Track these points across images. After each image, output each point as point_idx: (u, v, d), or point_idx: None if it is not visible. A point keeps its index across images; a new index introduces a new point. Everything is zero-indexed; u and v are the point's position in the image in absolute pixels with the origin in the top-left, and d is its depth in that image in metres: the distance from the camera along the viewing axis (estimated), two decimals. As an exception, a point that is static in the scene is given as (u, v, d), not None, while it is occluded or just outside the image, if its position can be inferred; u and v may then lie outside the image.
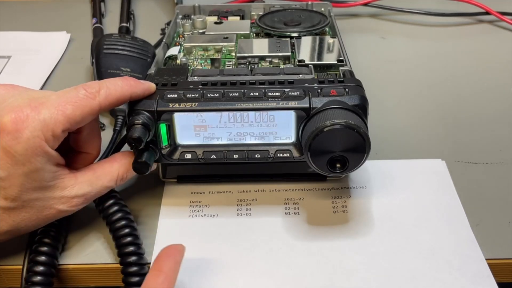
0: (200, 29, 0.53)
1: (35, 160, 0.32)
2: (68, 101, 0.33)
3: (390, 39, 0.66)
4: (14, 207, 0.33)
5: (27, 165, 0.32)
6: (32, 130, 0.31)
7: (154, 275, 0.31)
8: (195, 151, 0.38)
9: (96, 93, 0.34)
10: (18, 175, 0.32)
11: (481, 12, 0.69)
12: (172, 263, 0.32)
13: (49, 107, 0.32)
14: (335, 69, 0.44)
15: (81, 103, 0.33)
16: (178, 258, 0.32)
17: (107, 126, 0.49)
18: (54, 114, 0.32)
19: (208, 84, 0.38)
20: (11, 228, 0.33)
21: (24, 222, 0.34)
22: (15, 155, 0.31)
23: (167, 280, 0.31)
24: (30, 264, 0.34)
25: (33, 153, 0.31)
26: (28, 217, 0.33)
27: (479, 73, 0.58)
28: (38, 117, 0.32)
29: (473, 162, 0.44)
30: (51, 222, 0.35)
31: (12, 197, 0.32)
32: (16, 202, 0.33)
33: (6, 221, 0.33)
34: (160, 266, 0.31)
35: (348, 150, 0.35)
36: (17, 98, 0.33)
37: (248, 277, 0.35)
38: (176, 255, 0.32)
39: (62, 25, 0.69)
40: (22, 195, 0.32)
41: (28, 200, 0.33)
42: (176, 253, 0.32)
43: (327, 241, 0.37)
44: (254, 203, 0.40)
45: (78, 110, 0.33)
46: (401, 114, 0.51)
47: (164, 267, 0.31)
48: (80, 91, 0.34)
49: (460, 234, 0.37)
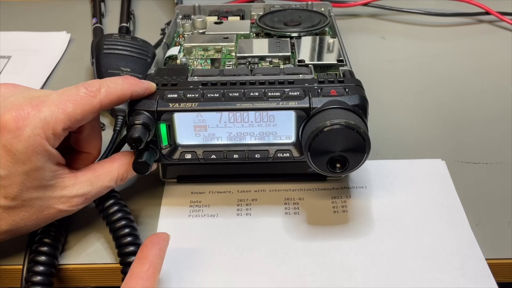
0: (200, 29, 0.53)
1: (35, 158, 0.32)
2: (69, 99, 0.33)
3: (390, 39, 0.66)
4: (14, 206, 0.33)
5: (27, 164, 0.32)
6: (32, 128, 0.31)
7: (139, 263, 0.31)
8: (195, 151, 0.38)
9: (96, 91, 0.34)
10: (19, 174, 0.32)
11: (481, 12, 0.69)
12: (156, 251, 0.32)
13: (50, 105, 0.32)
14: (335, 69, 0.44)
15: (82, 101, 0.33)
16: (163, 246, 0.33)
17: (107, 126, 0.49)
18: (54, 112, 0.32)
19: (208, 84, 0.38)
20: (10, 228, 0.33)
21: (24, 222, 0.34)
22: (15, 153, 0.31)
23: (152, 268, 0.31)
24: (30, 264, 0.34)
25: (33, 151, 0.31)
26: (28, 217, 0.33)
27: (479, 73, 0.58)
28: (39, 115, 0.32)
29: (473, 162, 0.44)
30: (51, 222, 0.35)
31: (12, 196, 0.32)
32: (16, 201, 0.33)
33: (6, 220, 0.33)
34: (145, 254, 0.32)
35: (348, 150, 0.35)
36: (18, 97, 0.33)
37: (248, 277, 0.35)
38: (160, 243, 0.33)
39: (62, 25, 0.69)
40: (22, 194, 0.32)
41: (28, 199, 0.33)
42: (161, 241, 0.33)
43: (327, 241, 0.37)
44: (254, 203, 0.40)
45: (79, 108, 0.33)
46: (401, 114, 0.51)
47: (149, 255, 0.32)
48: (81, 90, 0.34)
49: (460, 234, 0.37)
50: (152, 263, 0.31)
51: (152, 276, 0.31)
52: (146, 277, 0.31)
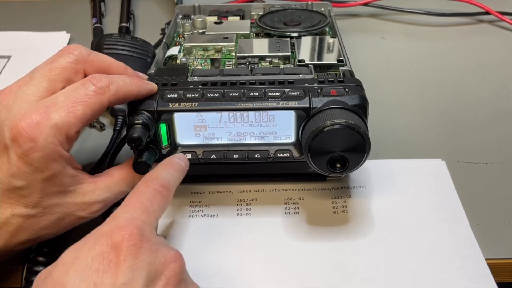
0: (200, 29, 0.53)
1: (52, 165, 0.31)
2: (78, 101, 0.32)
3: (390, 39, 0.66)
4: (35, 215, 0.32)
5: (45, 172, 0.31)
6: (45, 137, 0.30)
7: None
8: (195, 151, 0.38)
9: (106, 88, 0.33)
10: (38, 182, 0.31)
11: (481, 12, 0.69)
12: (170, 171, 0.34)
13: (59, 110, 0.31)
14: (335, 69, 0.44)
15: (91, 101, 0.32)
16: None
17: (107, 126, 0.49)
18: (65, 118, 0.31)
19: (208, 84, 0.38)
20: (31, 237, 0.33)
21: (45, 231, 0.33)
22: (32, 164, 0.31)
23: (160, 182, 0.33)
24: (30, 264, 0.34)
25: (50, 159, 0.31)
26: (48, 225, 0.33)
27: (479, 73, 0.58)
28: (49, 123, 0.31)
29: (473, 162, 0.44)
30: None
31: (33, 204, 0.32)
32: (37, 208, 0.32)
33: (27, 230, 0.32)
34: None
35: (348, 150, 0.35)
36: (22, 105, 0.32)
37: (248, 277, 0.35)
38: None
39: (62, 25, 0.69)
40: (43, 201, 0.32)
41: (49, 206, 0.32)
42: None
43: (327, 241, 0.37)
44: (254, 203, 0.40)
45: (89, 109, 0.32)
46: (401, 114, 0.51)
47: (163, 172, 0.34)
48: (89, 87, 0.32)
49: (460, 234, 0.37)
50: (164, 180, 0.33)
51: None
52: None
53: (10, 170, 0.31)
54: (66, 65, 0.34)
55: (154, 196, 0.31)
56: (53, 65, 0.34)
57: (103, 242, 0.27)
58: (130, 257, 0.26)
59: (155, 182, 0.32)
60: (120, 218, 0.29)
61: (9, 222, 0.32)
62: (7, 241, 0.32)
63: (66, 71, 0.34)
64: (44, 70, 0.33)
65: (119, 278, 0.26)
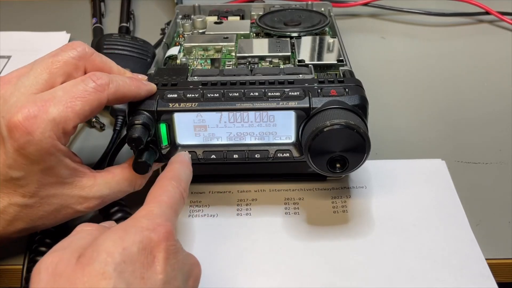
0: (200, 29, 0.53)
1: (49, 158, 0.31)
2: (77, 96, 0.32)
3: (390, 39, 0.66)
4: (32, 204, 0.32)
5: (41, 164, 0.31)
6: (42, 131, 0.30)
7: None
8: (195, 151, 0.38)
9: (105, 86, 0.33)
10: (34, 173, 0.31)
11: (481, 12, 0.69)
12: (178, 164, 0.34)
13: (57, 104, 0.31)
14: (335, 69, 0.44)
15: (90, 97, 0.32)
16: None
17: (107, 126, 0.49)
18: (63, 112, 0.31)
19: (208, 84, 0.38)
20: (27, 226, 0.33)
21: (42, 221, 0.34)
22: (29, 156, 0.31)
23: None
24: (30, 264, 0.34)
25: (46, 152, 0.31)
26: (46, 216, 0.33)
27: (479, 73, 0.58)
28: (47, 116, 0.31)
29: (473, 162, 0.44)
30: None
31: (30, 194, 0.32)
32: (34, 198, 0.32)
33: (23, 219, 0.33)
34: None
35: (348, 150, 0.35)
36: (20, 97, 0.32)
37: (248, 277, 0.35)
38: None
39: (62, 25, 0.69)
40: (40, 191, 0.32)
41: (46, 196, 0.33)
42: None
43: (327, 241, 0.37)
44: (254, 203, 0.40)
45: (88, 105, 0.32)
46: (401, 114, 0.51)
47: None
48: (89, 84, 0.32)
49: (460, 234, 0.37)
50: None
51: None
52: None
53: (6, 162, 0.31)
54: (68, 60, 0.34)
55: (180, 199, 0.32)
56: (55, 58, 0.34)
57: (146, 235, 0.27)
58: (172, 255, 0.27)
59: (182, 184, 0.32)
60: (156, 214, 0.29)
61: (6, 211, 0.32)
62: (4, 229, 0.33)
63: (68, 66, 0.34)
64: (46, 63, 0.33)
65: (163, 274, 0.26)
